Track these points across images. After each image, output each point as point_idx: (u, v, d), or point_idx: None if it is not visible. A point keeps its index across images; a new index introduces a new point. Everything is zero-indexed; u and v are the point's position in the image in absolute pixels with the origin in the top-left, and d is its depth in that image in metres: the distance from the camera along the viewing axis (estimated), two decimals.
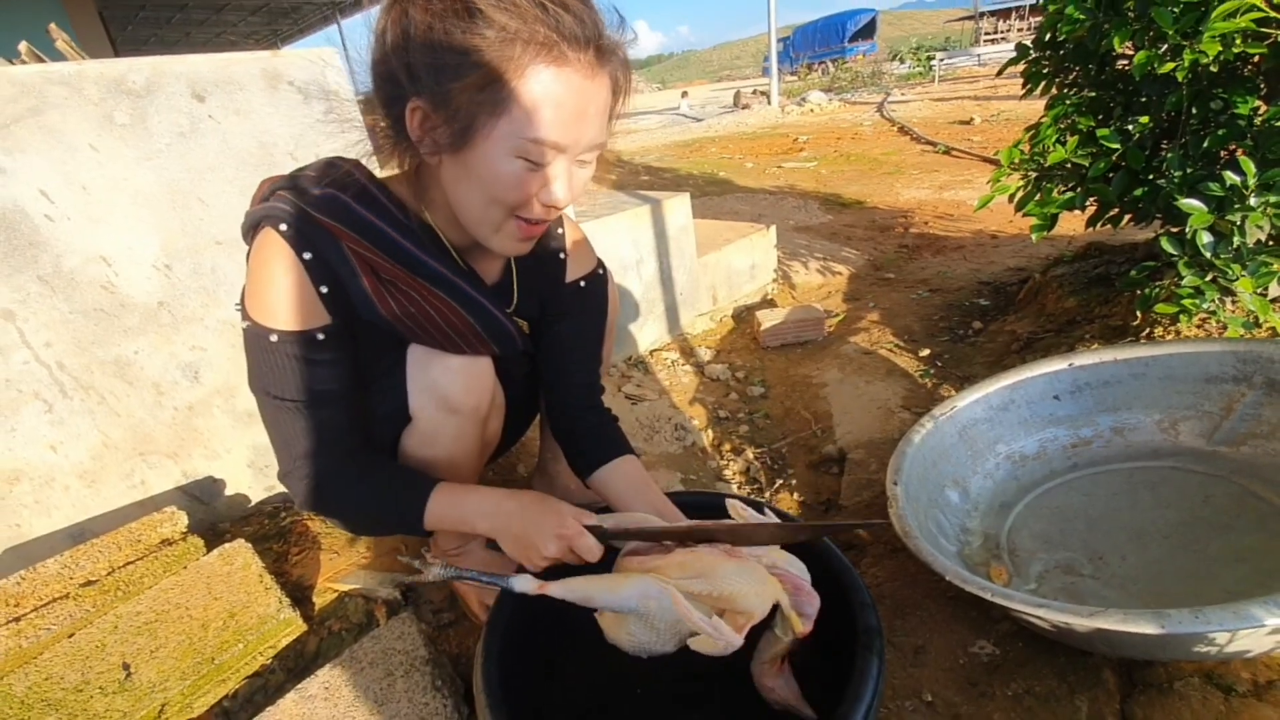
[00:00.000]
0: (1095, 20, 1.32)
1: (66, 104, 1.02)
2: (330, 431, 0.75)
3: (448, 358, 0.83)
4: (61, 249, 1.06)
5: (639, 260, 1.94)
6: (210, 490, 1.29)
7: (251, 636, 0.96)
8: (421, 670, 0.85)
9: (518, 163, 0.64)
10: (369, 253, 0.72)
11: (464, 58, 0.59)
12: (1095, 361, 1.15)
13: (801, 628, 0.68)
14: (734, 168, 5.85)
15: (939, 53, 15.05)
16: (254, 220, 0.71)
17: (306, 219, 0.69)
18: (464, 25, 0.59)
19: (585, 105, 0.64)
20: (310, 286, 0.70)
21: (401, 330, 0.78)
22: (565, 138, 0.64)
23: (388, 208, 0.74)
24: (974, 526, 1.07)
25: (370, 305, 0.74)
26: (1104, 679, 0.78)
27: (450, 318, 0.79)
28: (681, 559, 0.71)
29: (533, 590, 0.71)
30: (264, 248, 0.69)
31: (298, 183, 0.72)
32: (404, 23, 0.62)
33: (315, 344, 0.71)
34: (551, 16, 0.59)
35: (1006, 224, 3.01)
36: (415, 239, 0.74)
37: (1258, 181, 1.12)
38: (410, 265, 0.74)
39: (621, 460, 0.91)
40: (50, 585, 1.01)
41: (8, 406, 1.07)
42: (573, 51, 0.61)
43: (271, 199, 0.71)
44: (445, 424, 0.85)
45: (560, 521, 0.73)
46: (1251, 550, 0.87)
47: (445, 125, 0.63)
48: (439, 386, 0.83)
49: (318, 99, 1.23)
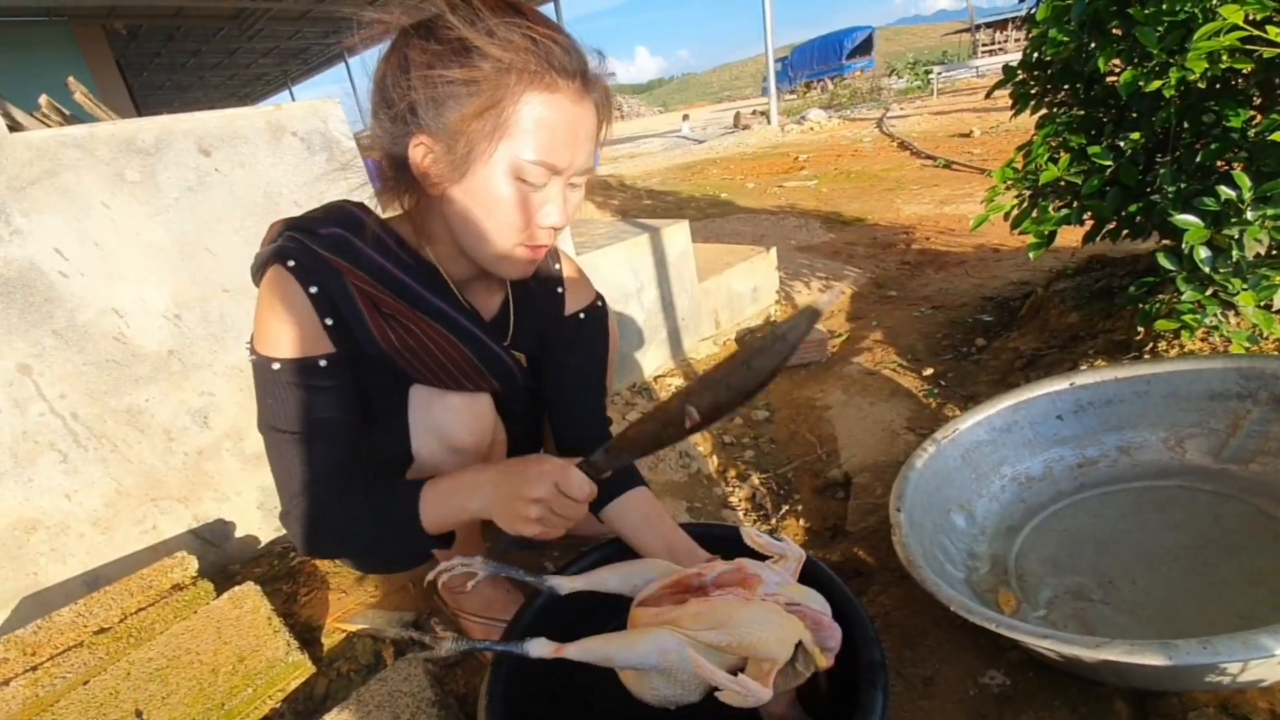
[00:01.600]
0: (1079, 41, 1.34)
1: (80, 165, 1.07)
2: (328, 464, 0.75)
3: (449, 397, 0.85)
4: (75, 303, 1.09)
5: (640, 288, 1.96)
6: (220, 533, 1.31)
7: (261, 680, 0.96)
8: (428, 712, 0.85)
9: (517, 184, 0.69)
10: (372, 288, 0.74)
11: (463, 89, 0.64)
12: (1097, 380, 1.14)
13: (825, 662, 0.67)
14: (735, 189, 5.91)
15: (937, 66, 15.16)
16: (263, 259, 0.74)
17: (313, 255, 0.72)
18: (461, 60, 0.64)
19: (576, 128, 0.69)
20: (315, 317, 0.72)
21: (402, 364, 0.79)
22: (559, 159, 0.68)
23: (391, 246, 0.77)
24: (981, 551, 1.06)
25: (372, 339, 0.76)
26: (1116, 710, 0.77)
27: (450, 352, 0.81)
28: (697, 609, 0.68)
29: (549, 654, 0.69)
30: (271, 283, 0.72)
31: (305, 224, 0.76)
32: (403, 64, 0.66)
33: (317, 371, 0.73)
34: (542, 49, 0.65)
35: (1008, 237, 3.00)
36: (417, 275, 0.77)
37: (1254, 195, 1.12)
38: (412, 301, 0.77)
39: (634, 493, 0.91)
40: (65, 633, 1.03)
41: (25, 458, 1.09)
42: (562, 80, 0.67)
43: (280, 239, 0.74)
44: (447, 462, 0.86)
45: (540, 462, 0.72)
46: (1264, 573, 0.86)
47: (447, 155, 0.67)
48: (441, 426, 0.85)
49: (320, 148, 1.27)
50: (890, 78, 15.65)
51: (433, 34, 0.65)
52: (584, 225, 2.32)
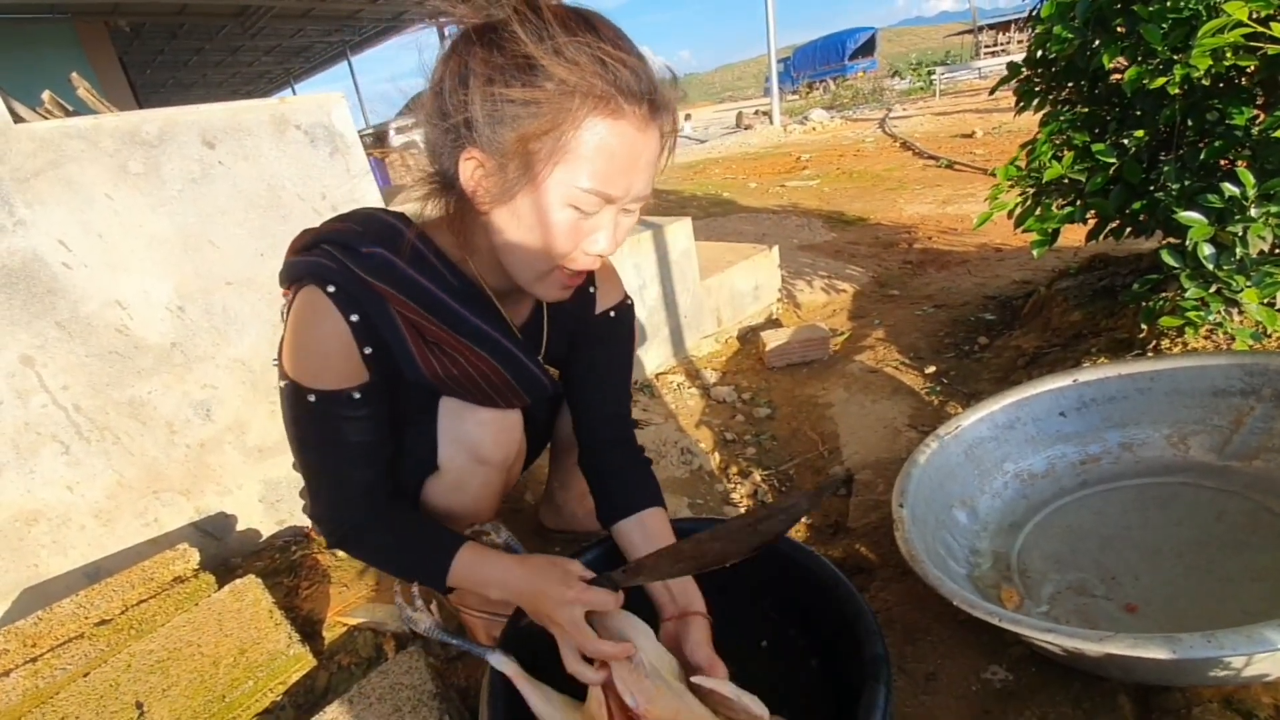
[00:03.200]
0: (1084, 38, 1.34)
1: (83, 156, 1.07)
2: (361, 487, 0.77)
3: (479, 411, 0.84)
4: (79, 295, 1.09)
5: (642, 285, 1.96)
6: (222, 526, 1.31)
7: (261, 673, 0.96)
8: (429, 705, 0.85)
9: (569, 211, 0.65)
10: (415, 315, 0.73)
11: (523, 109, 0.61)
12: (1099, 377, 1.14)
13: None
14: (737, 188, 5.90)
15: (939, 67, 15.16)
16: (297, 274, 0.72)
17: (355, 280, 0.70)
18: (524, 78, 0.60)
19: (637, 157, 0.65)
20: (355, 349, 0.71)
21: (441, 389, 0.80)
22: (616, 188, 0.65)
23: (431, 262, 0.74)
24: (983, 547, 1.06)
25: (415, 367, 0.75)
26: (1120, 706, 0.77)
27: (489, 374, 0.80)
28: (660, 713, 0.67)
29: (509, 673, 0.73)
30: (310, 308, 0.69)
31: (346, 239, 0.72)
32: (463, 74, 0.63)
33: (352, 402, 0.72)
34: (610, 71, 0.61)
35: (1011, 237, 3.01)
36: (457, 294, 0.75)
37: (1257, 192, 1.12)
38: (454, 325, 0.75)
39: (647, 514, 0.89)
40: (66, 625, 1.03)
41: (27, 449, 1.09)
42: (629, 105, 0.62)
43: (316, 253, 0.71)
44: (473, 474, 0.87)
45: (563, 587, 0.71)
46: (1268, 569, 0.86)
47: (499, 174, 0.64)
48: (470, 439, 0.85)
49: (324, 142, 1.27)
50: (893, 78, 15.66)
51: (496, 44, 0.61)
52: None
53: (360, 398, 0.73)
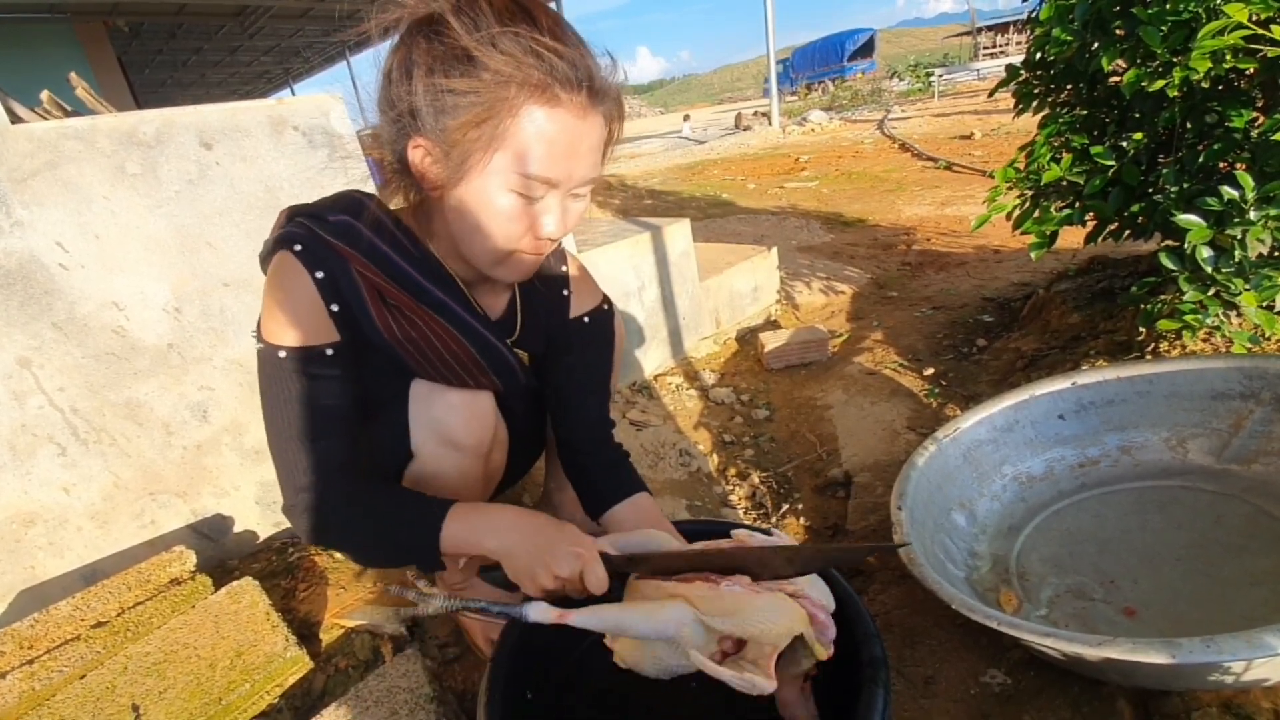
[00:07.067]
0: (1083, 40, 1.34)
1: (81, 157, 1.06)
2: (334, 458, 0.75)
3: (449, 393, 0.84)
4: (75, 296, 1.09)
5: (641, 286, 1.95)
6: (219, 527, 1.30)
7: (258, 676, 0.96)
8: (426, 708, 0.85)
9: (512, 196, 0.68)
10: (376, 277, 0.74)
11: (462, 98, 0.64)
12: (1098, 380, 1.14)
13: (823, 653, 0.67)
14: (736, 189, 5.90)
15: (938, 69, 15.18)
16: (271, 245, 0.74)
17: (320, 241, 0.73)
18: (462, 68, 0.63)
19: (577, 143, 0.67)
20: (321, 303, 0.72)
21: (403, 355, 0.79)
22: (557, 173, 0.67)
23: (397, 236, 0.77)
24: (982, 550, 1.06)
25: (374, 328, 0.76)
26: (1119, 710, 0.76)
27: (451, 345, 0.80)
28: (704, 591, 0.68)
29: (551, 620, 0.67)
30: (278, 268, 0.72)
31: (314, 210, 0.76)
32: (408, 65, 0.66)
33: (323, 359, 0.73)
34: (545, 62, 0.63)
35: (1009, 239, 3.01)
36: (421, 267, 0.77)
37: (1256, 195, 1.12)
38: (415, 292, 0.77)
39: (635, 498, 0.91)
40: (62, 627, 1.02)
41: (24, 451, 1.09)
42: (565, 93, 0.65)
43: (288, 225, 0.75)
44: (447, 459, 0.86)
45: (577, 539, 0.72)
46: (1267, 573, 0.86)
47: (445, 161, 0.67)
48: (441, 422, 0.84)
49: (321, 143, 1.27)
50: (891, 80, 15.68)
51: (438, 36, 0.64)
52: (585, 223, 2.32)
53: (332, 354, 0.73)
